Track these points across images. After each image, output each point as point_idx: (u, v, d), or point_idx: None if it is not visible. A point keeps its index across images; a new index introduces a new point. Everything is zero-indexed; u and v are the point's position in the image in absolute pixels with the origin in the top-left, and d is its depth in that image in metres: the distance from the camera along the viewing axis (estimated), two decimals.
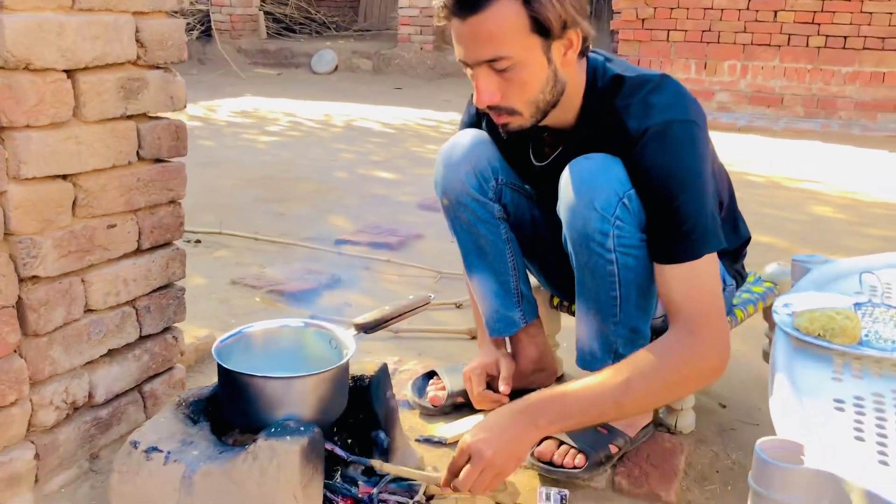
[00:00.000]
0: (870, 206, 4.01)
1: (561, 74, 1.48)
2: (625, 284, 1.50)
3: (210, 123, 5.91)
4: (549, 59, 1.45)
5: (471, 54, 1.45)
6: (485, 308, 1.86)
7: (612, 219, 1.45)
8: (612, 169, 1.47)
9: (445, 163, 1.76)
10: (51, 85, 1.34)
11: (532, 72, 1.45)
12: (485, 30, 1.41)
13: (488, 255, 1.79)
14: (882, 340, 1.13)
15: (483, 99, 1.47)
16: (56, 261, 1.41)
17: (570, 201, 1.50)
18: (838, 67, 6.47)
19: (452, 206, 1.77)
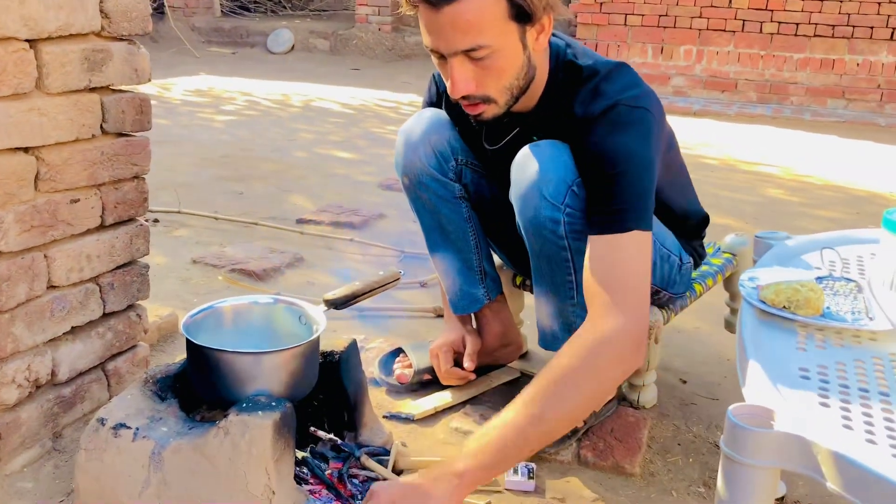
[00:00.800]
0: (820, 189, 4.12)
1: (533, 59, 1.48)
2: (579, 270, 1.49)
3: (164, 102, 5.80)
4: (525, 45, 1.43)
5: (446, 44, 1.39)
6: (448, 286, 1.86)
7: (563, 206, 1.45)
8: (560, 156, 1.47)
9: (405, 142, 1.75)
10: (13, 55, 1.30)
11: (508, 58, 1.42)
12: (463, 19, 1.36)
13: (450, 234, 1.80)
14: (843, 312, 1.17)
15: (459, 89, 1.43)
16: (18, 235, 1.38)
17: (521, 190, 1.50)
18: (790, 54, 6.59)
19: (413, 185, 1.77)
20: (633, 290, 1.34)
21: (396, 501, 1.23)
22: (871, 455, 0.82)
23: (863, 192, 4.06)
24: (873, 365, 1.04)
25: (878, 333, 1.12)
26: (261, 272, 2.52)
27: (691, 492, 1.54)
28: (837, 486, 0.81)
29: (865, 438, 0.86)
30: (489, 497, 1.48)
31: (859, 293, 1.23)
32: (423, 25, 1.41)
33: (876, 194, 4.02)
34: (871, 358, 1.06)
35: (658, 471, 1.61)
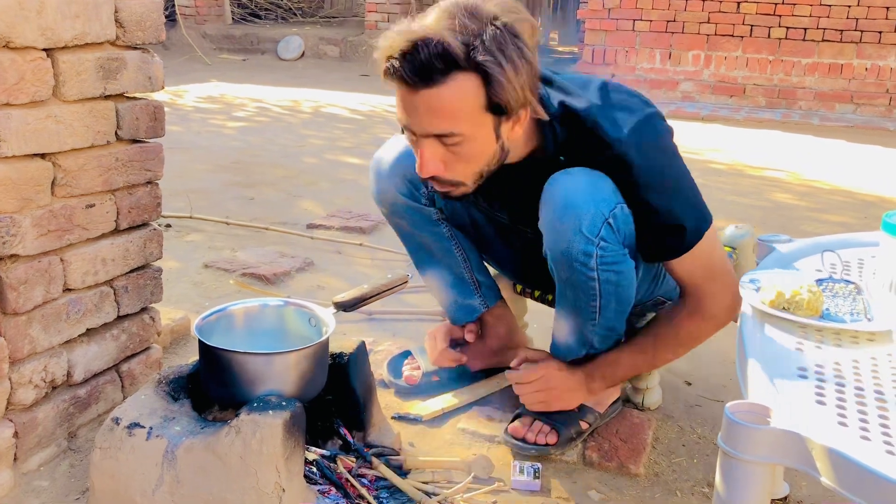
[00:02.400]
0: (828, 194, 4.13)
1: (507, 146, 1.46)
2: (605, 296, 1.52)
3: (176, 109, 5.85)
4: (498, 136, 1.42)
5: (419, 126, 1.39)
6: (443, 301, 1.89)
7: (597, 240, 1.45)
8: (596, 186, 1.45)
9: (376, 173, 1.77)
10: (31, 63, 1.34)
11: (481, 147, 1.42)
12: (438, 105, 1.35)
13: (436, 255, 1.82)
14: (842, 314, 1.19)
15: (428, 170, 1.43)
16: (35, 239, 1.41)
17: (554, 222, 1.48)
18: (798, 59, 6.61)
19: (390, 214, 1.79)
20: (722, 272, 1.55)
21: (547, 377, 1.62)
22: (865, 451, 0.84)
23: (871, 196, 4.07)
24: (870, 365, 1.06)
25: (877, 334, 1.14)
26: (271, 276, 2.55)
27: (695, 492, 1.56)
28: (832, 481, 0.83)
29: (860, 435, 0.88)
30: (495, 497, 1.50)
31: (859, 295, 1.25)
32: (399, 102, 1.41)
33: (884, 199, 4.02)
34: (868, 358, 1.08)
35: (663, 471, 1.63)
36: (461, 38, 1.32)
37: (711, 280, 1.54)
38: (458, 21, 1.32)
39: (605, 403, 1.74)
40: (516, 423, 1.67)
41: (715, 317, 1.56)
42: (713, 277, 1.54)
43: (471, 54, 1.32)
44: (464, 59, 1.32)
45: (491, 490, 1.51)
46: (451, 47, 1.31)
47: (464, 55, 1.32)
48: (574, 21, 9.91)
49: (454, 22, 1.32)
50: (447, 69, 1.32)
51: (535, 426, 1.65)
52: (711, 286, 1.54)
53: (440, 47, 1.31)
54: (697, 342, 1.62)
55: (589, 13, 7.07)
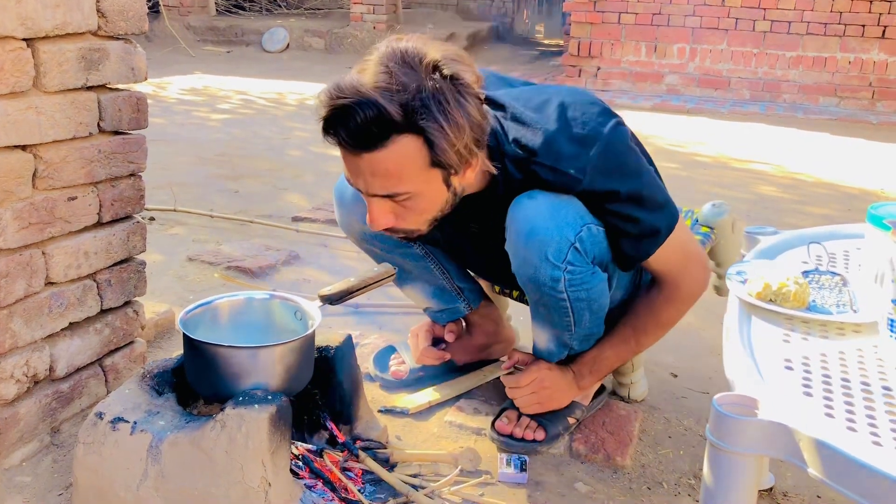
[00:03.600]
0: (812, 186, 4.15)
1: (460, 190, 1.42)
2: (577, 312, 1.52)
3: (159, 101, 5.80)
4: (449, 185, 1.38)
5: (365, 186, 1.36)
6: (427, 309, 1.88)
7: (564, 265, 1.43)
8: (560, 210, 1.42)
9: (339, 204, 1.74)
10: (10, 53, 1.32)
11: (431, 200, 1.38)
12: (382, 167, 1.30)
13: (412, 272, 1.81)
14: (828, 305, 1.19)
15: (378, 224, 1.40)
16: (16, 232, 1.39)
17: (520, 249, 1.46)
18: (783, 52, 6.63)
19: (359, 242, 1.78)
20: (693, 253, 1.57)
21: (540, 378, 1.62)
22: (851, 442, 0.84)
23: (854, 189, 4.10)
24: (856, 356, 1.06)
25: (863, 326, 1.15)
26: (256, 269, 2.53)
27: (682, 483, 1.57)
28: (818, 472, 0.83)
29: (846, 426, 0.89)
30: (483, 490, 1.50)
31: (844, 286, 1.25)
32: (344, 162, 1.37)
33: (867, 191, 4.05)
34: (854, 349, 1.09)
35: (649, 463, 1.63)
36: (398, 97, 1.25)
37: (686, 264, 1.55)
38: (394, 76, 1.25)
39: (589, 395, 1.74)
40: (503, 419, 1.67)
41: (692, 295, 1.58)
42: (687, 261, 1.55)
43: (409, 116, 1.25)
44: (402, 122, 1.26)
45: (478, 483, 1.51)
46: (386, 110, 1.24)
47: (402, 118, 1.25)
48: (560, 13, 9.92)
49: (390, 78, 1.25)
50: (385, 133, 1.26)
51: (523, 422, 1.65)
52: (686, 270, 1.55)
53: (375, 110, 1.24)
54: (677, 321, 1.63)
55: (575, 5, 7.06)
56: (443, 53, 1.29)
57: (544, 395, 1.63)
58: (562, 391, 1.64)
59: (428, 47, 1.30)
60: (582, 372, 1.64)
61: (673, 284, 1.56)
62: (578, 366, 1.64)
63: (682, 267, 1.55)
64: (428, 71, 1.27)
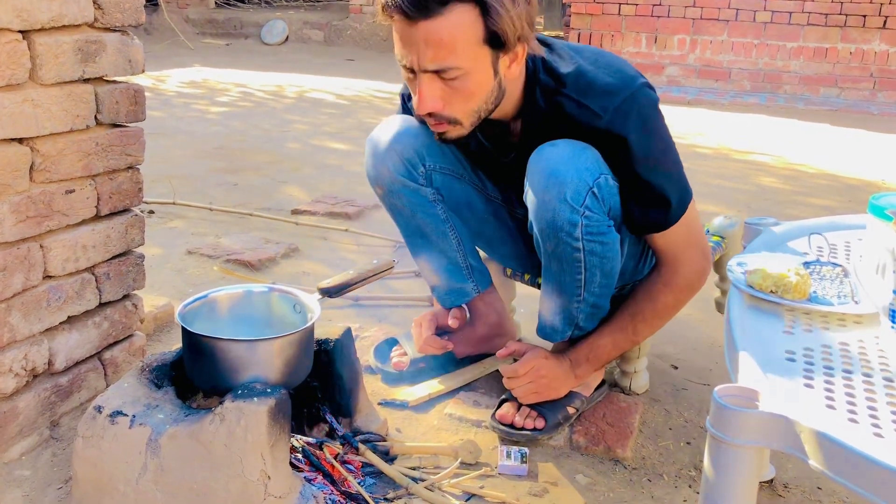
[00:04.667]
0: (813, 177, 4.14)
1: (504, 85, 1.47)
2: (590, 269, 1.53)
3: (159, 94, 5.79)
4: (496, 71, 1.43)
5: (418, 60, 1.39)
6: (435, 284, 1.87)
7: (582, 209, 1.45)
8: (580, 156, 1.46)
9: (372, 153, 1.76)
10: (6, 46, 1.31)
11: (479, 82, 1.42)
12: (436, 37, 1.35)
13: (430, 237, 1.81)
14: (829, 296, 1.19)
15: (425, 106, 1.43)
16: (14, 226, 1.39)
17: (539, 192, 1.48)
18: (783, 43, 6.61)
19: (386, 195, 1.78)
20: (697, 239, 1.58)
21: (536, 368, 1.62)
22: (852, 434, 0.84)
23: (855, 180, 4.09)
24: (858, 347, 1.06)
25: (864, 317, 1.14)
26: (256, 262, 2.53)
27: (682, 475, 1.57)
28: (820, 464, 0.83)
29: (848, 418, 0.88)
30: (483, 482, 1.50)
31: (846, 278, 1.24)
32: (397, 37, 1.40)
33: (868, 182, 4.04)
34: (856, 341, 1.08)
35: (649, 455, 1.63)
36: None
37: (688, 248, 1.57)
38: None
39: (591, 387, 1.74)
40: (503, 408, 1.67)
41: (690, 284, 1.59)
42: (690, 245, 1.57)
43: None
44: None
45: (478, 475, 1.50)
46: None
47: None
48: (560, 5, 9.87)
49: None
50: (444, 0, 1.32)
51: (523, 411, 1.65)
52: (688, 254, 1.57)
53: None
54: (675, 312, 1.63)
55: None
56: None
57: (541, 384, 1.62)
58: (559, 380, 1.64)
59: None
60: (579, 360, 1.64)
61: (672, 267, 1.57)
62: (575, 354, 1.64)
63: (684, 250, 1.56)
64: None
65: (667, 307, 1.60)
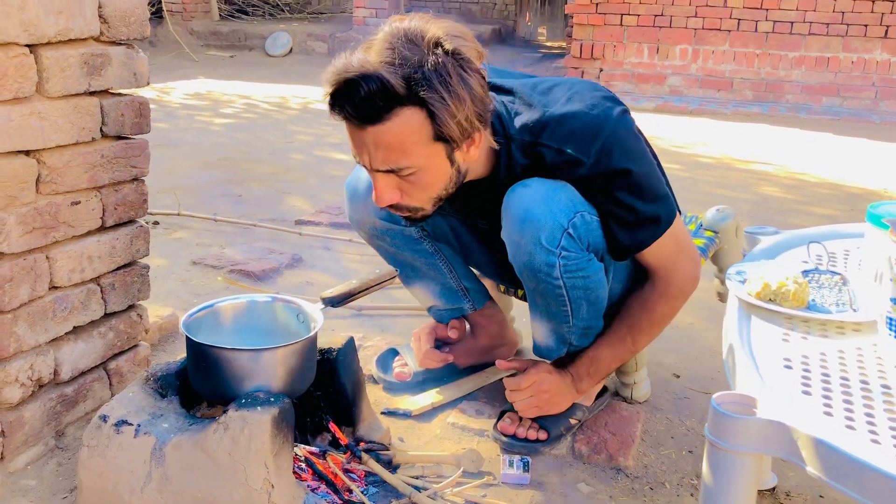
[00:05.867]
0: (815, 186, 4.14)
1: (464, 168, 1.45)
2: (574, 301, 1.53)
3: (163, 106, 5.82)
4: (453, 161, 1.41)
5: (370, 161, 1.38)
6: (431, 308, 1.89)
7: (558, 251, 1.45)
8: (553, 197, 1.44)
9: (351, 198, 1.75)
10: (13, 59, 1.33)
11: (435, 175, 1.41)
12: (385, 141, 1.33)
13: (420, 269, 1.82)
14: (828, 304, 1.19)
15: (383, 200, 1.42)
16: (20, 237, 1.40)
17: (514, 235, 1.48)
18: (785, 52, 6.63)
19: (370, 238, 1.78)
20: (686, 247, 1.58)
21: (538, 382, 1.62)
22: (849, 440, 0.85)
23: (857, 188, 4.09)
24: (856, 355, 1.07)
25: (862, 325, 1.15)
26: (260, 273, 2.54)
27: (684, 483, 1.57)
28: (817, 470, 0.83)
29: (845, 425, 0.89)
30: (485, 491, 1.50)
31: (844, 286, 1.25)
32: (350, 138, 1.39)
33: (870, 191, 4.04)
34: (853, 348, 1.09)
35: (651, 463, 1.63)
36: (401, 71, 1.28)
37: (678, 258, 1.57)
38: (397, 52, 1.29)
39: (592, 396, 1.74)
40: (505, 419, 1.67)
41: (684, 290, 1.59)
42: (679, 254, 1.57)
43: (412, 89, 1.29)
44: (405, 95, 1.29)
45: (481, 484, 1.51)
46: (389, 83, 1.27)
47: (404, 90, 1.28)
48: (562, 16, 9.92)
49: (394, 53, 1.29)
50: (389, 106, 1.30)
51: (525, 422, 1.66)
52: (678, 263, 1.57)
53: (379, 83, 1.28)
54: (671, 319, 1.63)
55: (576, 8, 7.07)
56: (445, 31, 1.33)
57: (543, 398, 1.63)
58: (561, 395, 1.64)
59: (430, 25, 1.34)
60: (580, 374, 1.64)
61: (665, 279, 1.57)
62: (576, 368, 1.64)
63: (675, 261, 1.56)
64: (430, 46, 1.30)
65: (663, 316, 1.60)
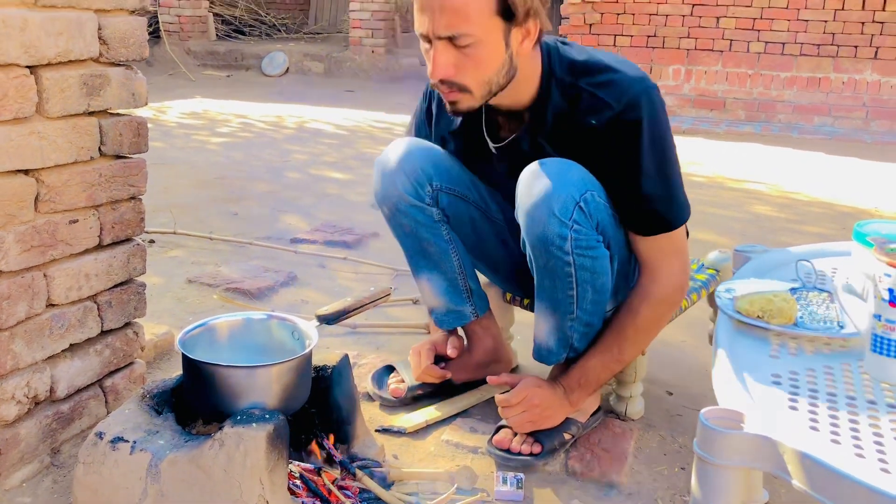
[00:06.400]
0: (807, 205, 4.18)
1: (515, 60, 1.53)
2: (581, 284, 1.57)
3: (160, 125, 5.85)
4: (507, 44, 1.50)
5: (433, 26, 1.46)
6: (434, 305, 1.90)
7: (570, 223, 1.50)
8: (566, 173, 1.52)
9: (381, 172, 1.79)
10: (14, 80, 1.35)
11: (490, 52, 1.49)
12: (450, 4, 1.44)
13: (433, 257, 1.84)
14: (815, 321, 1.21)
15: (438, 72, 1.49)
16: (18, 255, 1.42)
17: (529, 207, 1.54)
18: (777, 72, 6.69)
19: (392, 213, 1.81)
20: (682, 251, 1.62)
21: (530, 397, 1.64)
22: (834, 454, 0.86)
23: (848, 207, 4.12)
24: (842, 371, 1.08)
25: (849, 341, 1.17)
26: (255, 291, 2.56)
27: (676, 500, 1.58)
28: (803, 484, 0.85)
29: (830, 439, 0.90)
30: None
31: (832, 303, 1.27)
32: (416, 6, 1.49)
33: (862, 210, 4.08)
34: (840, 364, 1.11)
35: (644, 480, 1.64)
36: None
37: (670, 258, 1.60)
38: None
39: (587, 413, 1.76)
40: (500, 434, 1.69)
41: (668, 297, 1.61)
42: (672, 254, 1.60)
43: None
44: None
45: (474, 501, 1.52)
46: None
47: None
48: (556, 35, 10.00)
49: None
50: None
51: (520, 437, 1.67)
52: (667, 263, 1.60)
53: None
54: (656, 328, 1.66)
55: (570, 29, 7.14)
56: None
57: (536, 412, 1.64)
58: (553, 408, 1.66)
59: None
60: (571, 386, 1.66)
61: (650, 277, 1.60)
62: (567, 380, 1.67)
63: (665, 259, 1.59)
64: None
65: (647, 322, 1.63)
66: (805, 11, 6.50)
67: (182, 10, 9.63)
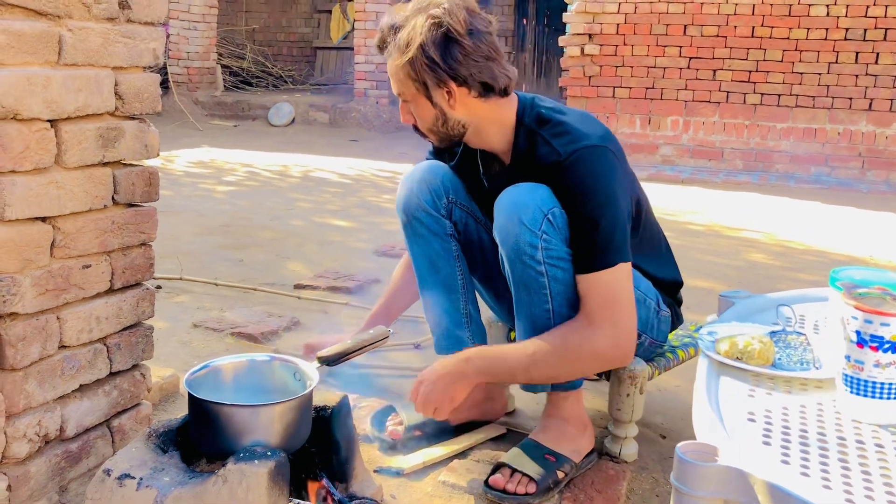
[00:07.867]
0: (802, 254, 4.25)
1: (451, 115, 1.74)
2: (556, 297, 1.67)
3: (168, 173, 5.97)
4: (434, 103, 1.73)
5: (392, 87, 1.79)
6: (434, 324, 2.00)
7: (539, 232, 1.64)
8: (535, 191, 1.67)
9: (404, 184, 1.98)
10: (36, 134, 1.43)
11: (421, 109, 1.76)
12: (392, 73, 1.75)
13: (440, 271, 1.94)
14: (792, 363, 1.27)
15: (402, 119, 1.82)
16: (34, 298, 1.48)
17: (502, 222, 1.69)
18: (773, 123, 6.82)
19: (409, 219, 1.95)
20: (619, 312, 1.64)
21: (424, 375, 1.75)
22: (803, 485, 0.92)
23: (843, 256, 4.19)
24: (815, 409, 1.14)
25: (824, 382, 1.23)
26: (259, 335, 2.61)
27: None
28: None
29: (800, 472, 0.96)
30: None
31: (809, 345, 1.33)
32: None
33: (856, 258, 4.14)
34: (814, 403, 1.16)
35: None
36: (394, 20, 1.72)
37: (609, 308, 1.63)
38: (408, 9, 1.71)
39: (581, 453, 1.80)
40: (496, 475, 1.73)
41: (598, 351, 1.64)
42: (611, 305, 1.63)
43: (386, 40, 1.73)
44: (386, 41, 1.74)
45: None
46: (382, 30, 1.74)
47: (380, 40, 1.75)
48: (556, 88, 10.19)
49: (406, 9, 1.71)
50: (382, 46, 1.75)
51: (515, 477, 1.71)
52: (604, 314, 1.63)
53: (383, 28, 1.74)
54: (576, 367, 1.70)
55: (570, 81, 7.30)
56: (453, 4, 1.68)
57: (426, 387, 1.74)
58: (441, 377, 1.73)
59: None
60: (470, 357, 1.74)
61: (586, 321, 1.65)
62: (470, 351, 1.78)
63: (601, 308, 1.63)
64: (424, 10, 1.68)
65: (570, 351, 1.65)
66: (800, 64, 6.66)
67: (191, 62, 9.86)
